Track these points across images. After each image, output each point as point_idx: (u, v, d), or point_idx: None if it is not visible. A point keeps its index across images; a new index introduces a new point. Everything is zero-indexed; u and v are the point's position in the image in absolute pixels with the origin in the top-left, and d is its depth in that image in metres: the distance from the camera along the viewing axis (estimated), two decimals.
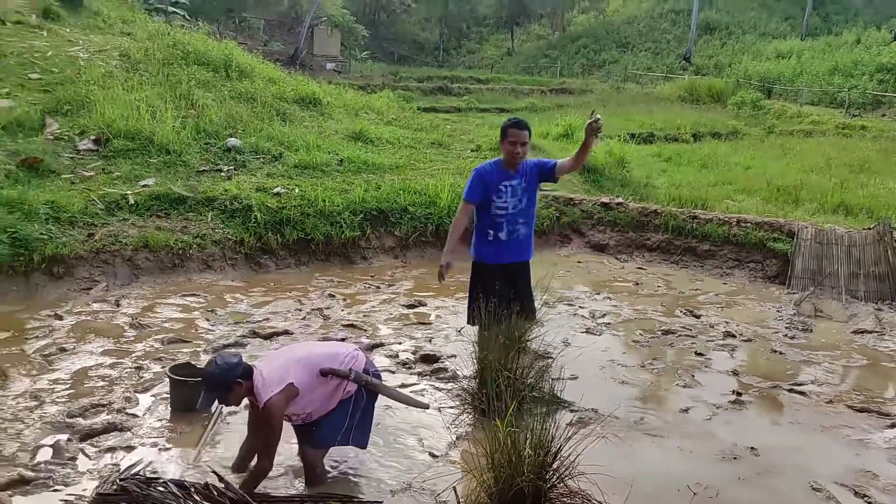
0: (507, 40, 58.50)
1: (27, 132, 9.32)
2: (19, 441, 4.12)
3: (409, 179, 9.65)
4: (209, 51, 13.88)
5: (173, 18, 25.06)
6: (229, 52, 14.34)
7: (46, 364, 5.19)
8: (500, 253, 4.91)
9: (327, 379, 3.67)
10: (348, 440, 3.83)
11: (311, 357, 3.72)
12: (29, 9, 15.64)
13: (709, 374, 5.70)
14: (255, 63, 14.88)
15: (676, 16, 51.29)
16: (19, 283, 6.56)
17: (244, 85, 12.90)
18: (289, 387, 3.50)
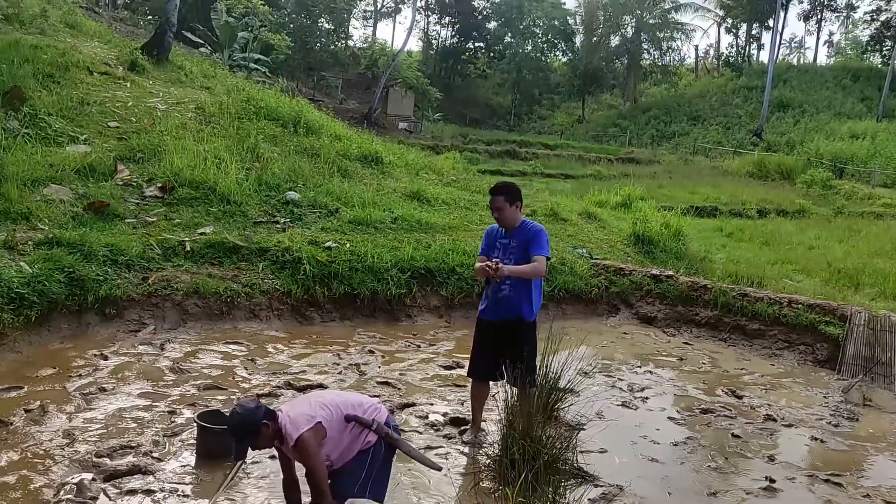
0: (578, 108, 59.11)
1: (98, 177, 9.80)
2: (47, 477, 4.21)
3: (459, 240, 9.69)
4: (280, 107, 14.43)
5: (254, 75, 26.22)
6: (300, 108, 14.87)
7: (85, 403, 5.32)
8: (490, 309, 5.15)
9: (350, 426, 3.68)
10: (365, 492, 3.77)
11: (336, 402, 3.75)
12: (117, 61, 16.63)
13: (743, 457, 5.44)
14: (323, 120, 15.37)
15: (749, 92, 51.07)
16: (71, 322, 6.80)
17: (310, 141, 13.31)
18: (318, 425, 3.53)
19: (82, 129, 11.84)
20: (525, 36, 56.58)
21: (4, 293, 6.08)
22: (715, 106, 51.07)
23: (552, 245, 10.32)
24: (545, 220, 12.31)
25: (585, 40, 58.03)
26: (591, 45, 56.83)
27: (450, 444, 5.14)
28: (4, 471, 4.21)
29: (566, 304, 9.42)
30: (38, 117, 11.67)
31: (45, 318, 6.54)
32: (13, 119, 11.43)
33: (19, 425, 4.80)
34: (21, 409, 5.04)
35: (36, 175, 9.32)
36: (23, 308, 6.22)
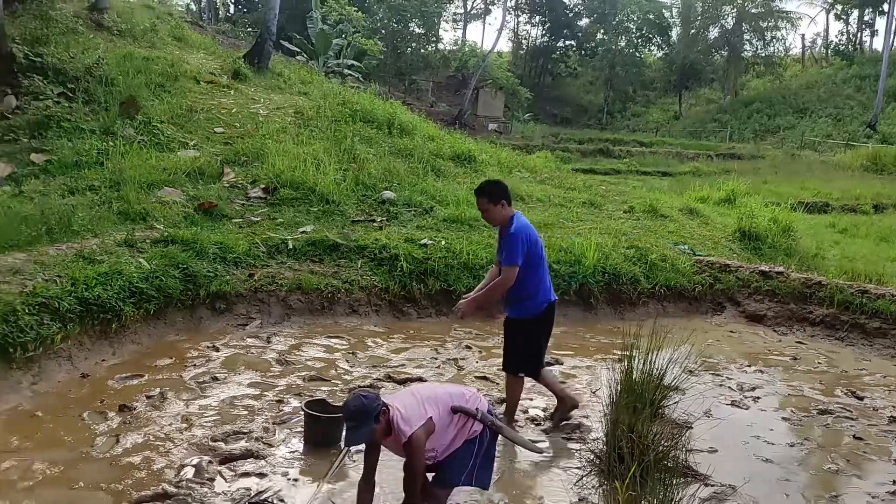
0: (674, 104, 57.48)
1: (206, 179, 10.30)
2: (167, 458, 4.46)
3: (555, 237, 9.62)
4: (375, 109, 14.74)
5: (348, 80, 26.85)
6: (394, 111, 15.15)
7: (200, 390, 5.61)
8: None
9: (456, 417, 3.75)
10: (471, 480, 3.86)
11: (441, 395, 3.82)
12: (221, 70, 17.40)
13: (867, 460, 5.15)
14: (417, 121, 15.60)
15: (861, 81, 48.27)
16: (185, 315, 7.17)
17: (404, 141, 13.53)
18: (429, 422, 3.61)
19: (191, 134, 12.46)
20: (618, 32, 55.52)
21: (126, 287, 6.46)
22: (823, 97, 48.55)
23: (652, 242, 10.17)
24: (644, 216, 12.07)
25: (682, 33, 56.39)
26: (689, 38, 55.16)
27: (550, 439, 5.12)
28: (130, 452, 4.49)
29: (668, 301, 9.20)
30: (151, 125, 12.36)
31: (162, 311, 6.92)
32: (129, 127, 12.14)
33: (142, 410, 5.11)
34: (143, 395, 5.37)
35: (151, 178, 9.87)
36: (142, 302, 6.60)
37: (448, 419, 3.73)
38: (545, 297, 5.15)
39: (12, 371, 5.24)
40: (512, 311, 5.18)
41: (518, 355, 5.19)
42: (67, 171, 10.33)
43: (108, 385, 5.58)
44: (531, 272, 5.00)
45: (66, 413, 5.00)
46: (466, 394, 3.92)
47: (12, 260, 6.22)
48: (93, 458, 4.40)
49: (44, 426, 4.78)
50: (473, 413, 3.77)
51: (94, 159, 10.62)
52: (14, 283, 5.76)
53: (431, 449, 3.71)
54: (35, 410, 4.99)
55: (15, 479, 4.06)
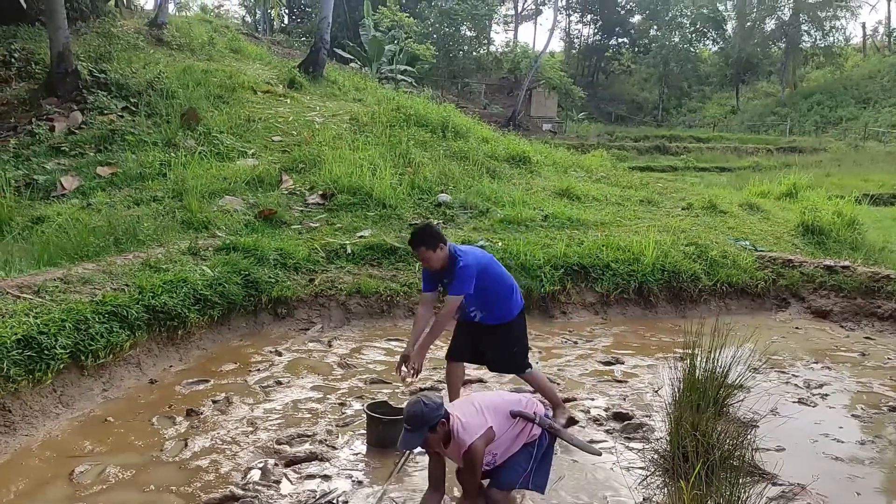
0: (731, 98, 56.17)
1: (265, 187, 10.49)
2: (234, 461, 4.52)
3: (612, 236, 9.48)
4: (429, 113, 14.80)
5: (401, 85, 27.04)
6: (447, 114, 15.18)
7: (264, 394, 5.69)
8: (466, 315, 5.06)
9: (515, 421, 3.77)
10: (528, 483, 3.85)
11: (499, 402, 3.85)
12: (277, 80, 17.72)
13: None
14: (470, 124, 15.60)
15: None
16: (248, 321, 7.30)
17: (458, 144, 13.54)
18: (489, 431, 3.62)
19: (250, 143, 12.72)
20: (671, 27, 54.50)
21: (191, 294, 6.62)
22: (887, 86, 46.75)
23: (712, 238, 9.93)
24: (703, 212, 11.80)
25: (738, 26, 54.99)
26: (745, 31, 53.76)
27: (613, 439, 5.02)
28: (198, 455, 4.58)
29: (730, 298, 8.97)
30: (211, 135, 12.67)
31: (226, 317, 7.07)
32: (190, 138, 12.47)
33: (208, 414, 5.21)
34: (209, 399, 5.47)
35: (212, 187, 10.11)
36: (206, 308, 6.75)
37: (507, 425, 3.74)
38: (520, 300, 5.09)
39: (84, 378, 5.41)
40: (496, 317, 4.97)
41: (523, 352, 5.10)
42: (132, 182, 10.67)
43: (176, 390, 5.71)
44: (498, 283, 4.90)
45: (135, 418, 5.13)
46: (523, 399, 3.94)
47: (82, 270, 6.41)
48: (162, 461, 4.50)
49: (115, 431, 4.92)
50: (532, 417, 3.79)
51: (157, 171, 10.94)
52: (84, 292, 5.94)
53: (491, 454, 3.71)
54: (106, 416, 5.14)
55: (89, 483, 4.18)
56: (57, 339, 5.09)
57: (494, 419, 3.68)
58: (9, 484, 4.13)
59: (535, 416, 3.79)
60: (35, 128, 12.79)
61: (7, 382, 4.68)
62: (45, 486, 4.14)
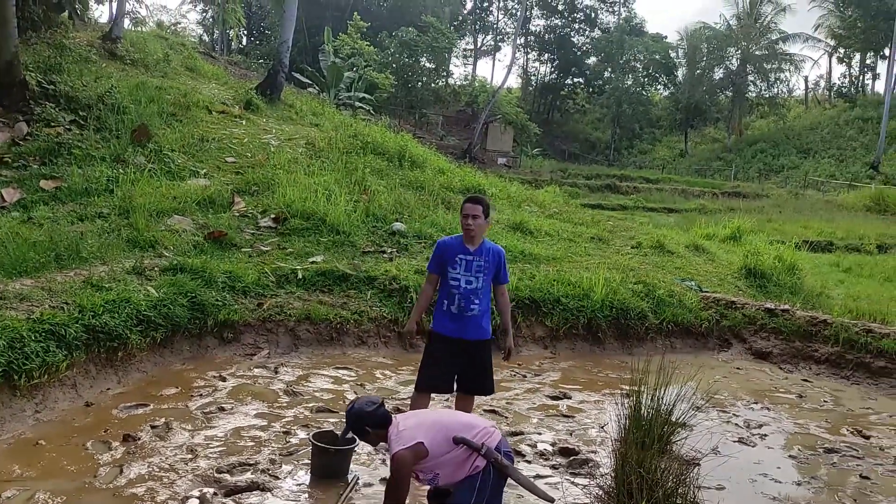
0: (680, 142, 57.90)
1: (217, 208, 10.31)
2: (171, 490, 4.37)
3: (564, 271, 9.57)
4: (386, 142, 14.82)
5: (359, 113, 27.08)
6: (404, 143, 15.23)
7: (206, 421, 5.53)
8: (453, 326, 4.92)
9: (459, 447, 3.66)
10: None
11: (446, 422, 3.79)
12: (233, 101, 17.56)
13: (874, 500, 5.05)
14: (427, 154, 15.67)
15: (864, 123, 48.76)
16: (193, 344, 7.11)
17: (415, 174, 13.57)
18: (418, 445, 3.59)
19: (202, 163, 12.52)
20: (625, 70, 56.07)
21: (133, 315, 6.42)
22: (827, 138, 48.93)
23: (660, 277, 10.11)
24: (651, 252, 12.03)
25: (688, 73, 56.94)
26: (694, 78, 55.70)
27: (560, 474, 5.02)
28: (133, 482, 4.41)
29: (675, 337, 9.11)
30: (162, 153, 12.43)
31: (169, 340, 6.87)
32: (140, 155, 12.21)
33: (146, 440, 5.03)
34: (147, 424, 5.29)
35: (161, 206, 9.89)
36: (149, 330, 6.55)
37: (447, 448, 3.65)
38: None
39: (16, 399, 5.18)
40: (485, 329, 5.03)
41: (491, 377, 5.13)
42: (77, 197, 10.36)
43: (113, 414, 5.51)
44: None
45: (69, 442, 4.93)
46: (477, 426, 3.80)
47: (20, 286, 6.19)
48: (96, 488, 4.31)
49: (47, 455, 4.71)
50: (476, 447, 3.66)
51: (104, 186, 10.66)
52: (21, 309, 5.72)
53: (431, 472, 3.68)
54: (38, 439, 4.92)
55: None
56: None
57: (430, 437, 3.62)
58: None
59: (482, 447, 3.66)
60: None
61: None
62: None
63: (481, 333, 4.97)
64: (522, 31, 56.89)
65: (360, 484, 4.62)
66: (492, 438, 3.75)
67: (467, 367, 4.95)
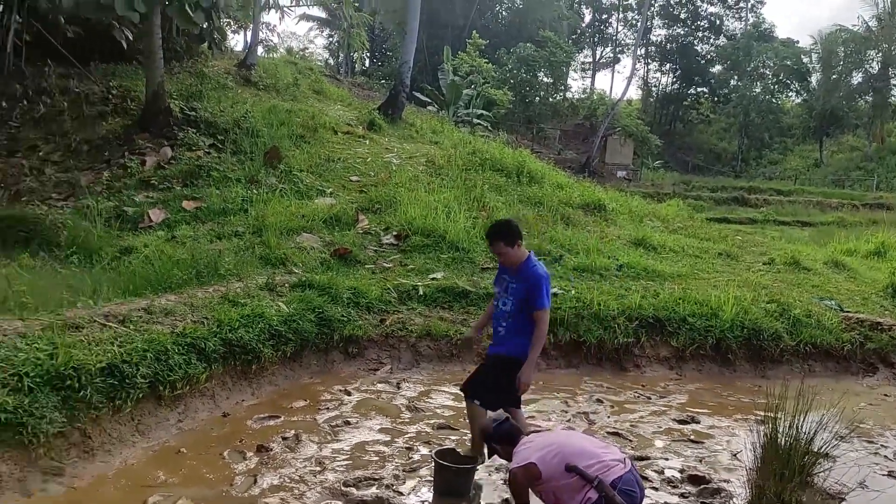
0: (814, 151, 54.54)
1: (342, 226, 10.67)
2: (301, 501, 4.53)
3: (690, 289, 9.22)
4: (504, 158, 14.88)
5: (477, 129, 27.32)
6: (523, 159, 15.23)
7: (332, 434, 5.70)
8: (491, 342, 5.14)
9: (572, 476, 3.60)
10: None
11: (566, 448, 3.73)
12: (357, 121, 18.16)
13: None
14: (545, 170, 15.61)
15: None
16: (320, 358, 7.36)
17: (533, 190, 13.54)
18: (529, 465, 3.67)
19: (328, 183, 13.01)
20: (753, 78, 53.58)
21: (266, 330, 6.73)
22: None
23: (795, 296, 9.55)
24: (785, 268, 11.40)
25: (822, 79, 53.64)
26: (830, 84, 52.37)
27: (689, 503, 4.81)
28: (266, 493, 4.60)
29: (813, 359, 8.55)
30: (292, 173, 13.02)
31: (298, 354, 7.14)
32: (272, 175, 12.84)
33: (278, 451, 5.24)
34: (279, 436, 5.51)
35: (290, 225, 10.34)
36: (280, 344, 6.84)
37: (560, 473, 3.61)
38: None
39: (161, 408, 5.53)
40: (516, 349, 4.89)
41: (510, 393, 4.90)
42: (215, 217, 11.02)
43: (247, 425, 5.78)
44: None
45: (208, 451, 5.21)
46: (599, 458, 3.68)
47: (165, 301, 6.62)
48: (232, 496, 4.54)
49: (188, 463, 4.99)
50: (589, 477, 3.57)
51: (239, 206, 11.28)
52: (166, 323, 6.11)
53: (551, 494, 3.67)
54: (180, 447, 5.23)
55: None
56: (138, 369, 5.24)
57: (545, 459, 3.63)
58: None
59: (595, 480, 3.55)
60: (127, 161, 13.41)
61: (89, 409, 4.83)
62: None
63: (504, 350, 4.96)
64: (643, 42, 55.70)
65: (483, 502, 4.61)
66: (609, 472, 3.61)
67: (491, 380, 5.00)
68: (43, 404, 4.52)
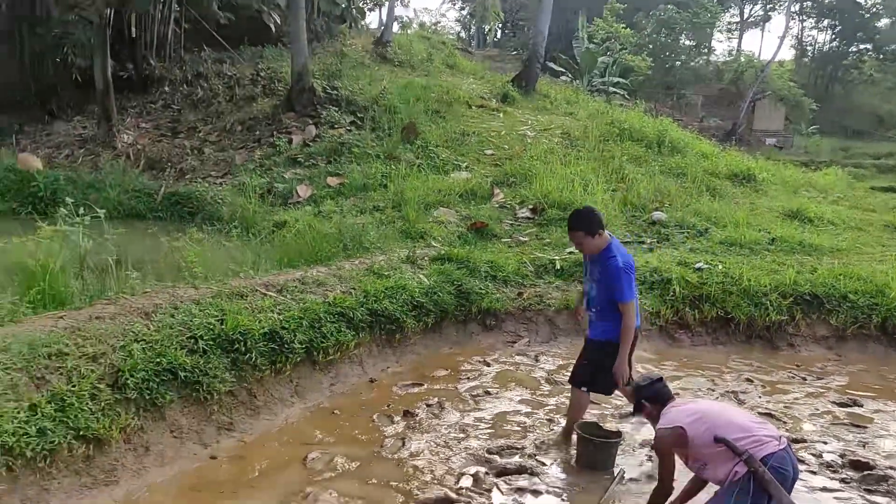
0: None
1: (477, 200, 10.78)
2: (447, 465, 4.69)
3: (851, 264, 8.60)
4: (644, 127, 14.43)
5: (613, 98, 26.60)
6: (664, 128, 14.71)
7: (474, 403, 5.83)
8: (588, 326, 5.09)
9: (720, 446, 3.49)
10: None
11: (717, 417, 3.63)
12: (490, 94, 18.17)
13: None
14: (688, 138, 15.00)
15: None
16: (459, 330, 7.52)
17: (675, 160, 13.06)
18: (677, 429, 3.61)
19: (463, 157, 13.15)
20: None
21: (408, 301, 6.94)
22: None
23: None
24: None
25: None
26: None
27: (851, 490, 4.55)
28: (414, 455, 4.80)
29: None
30: (428, 148, 13.27)
31: (438, 325, 7.33)
32: (409, 151, 13.12)
33: (423, 417, 5.43)
34: (423, 403, 5.71)
35: (428, 199, 10.57)
36: (422, 315, 7.04)
37: (709, 442, 3.52)
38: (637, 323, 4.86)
39: (315, 372, 5.87)
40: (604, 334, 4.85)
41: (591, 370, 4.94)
42: (356, 192, 11.45)
43: (393, 391, 6.02)
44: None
45: (358, 413, 5.48)
46: (752, 432, 3.52)
47: (316, 272, 6.97)
48: (383, 457, 4.76)
49: (341, 424, 5.29)
50: (737, 450, 3.43)
51: (378, 182, 11.65)
52: (318, 293, 6.45)
53: (699, 462, 3.61)
54: (333, 409, 5.55)
55: (320, 469, 4.54)
56: (295, 335, 5.59)
57: (693, 426, 3.56)
58: (253, 462, 4.61)
59: (744, 454, 3.41)
60: (276, 140, 14.16)
61: (254, 371, 5.21)
62: (283, 468, 4.56)
63: (594, 334, 4.96)
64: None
65: (626, 478, 4.58)
66: (761, 448, 3.45)
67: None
68: (215, 365, 4.94)
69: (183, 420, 4.72)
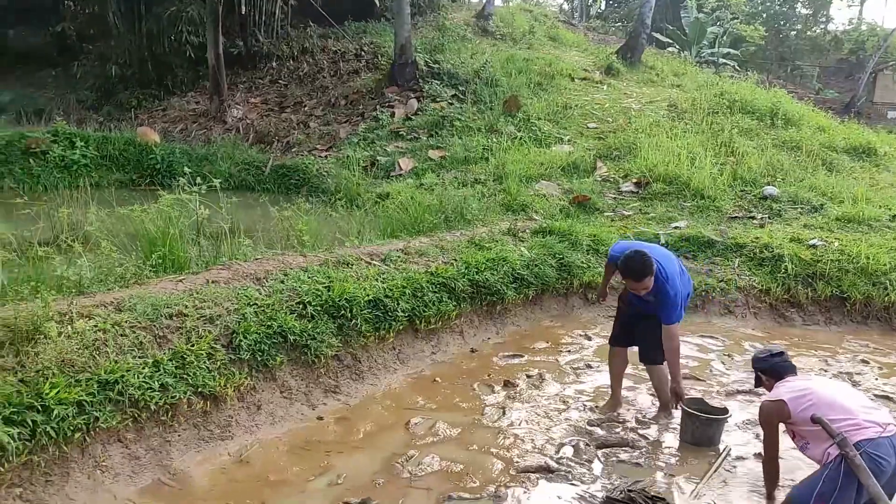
0: None
1: (580, 174, 10.65)
2: (547, 435, 4.72)
3: None
4: (755, 99, 13.82)
5: (723, 69, 25.53)
6: (777, 100, 14.05)
7: (574, 375, 5.84)
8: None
9: (817, 426, 3.42)
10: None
11: (821, 396, 3.53)
12: (594, 67, 17.81)
13: None
14: (803, 111, 14.27)
15: None
16: (559, 303, 7.51)
17: (789, 133, 12.47)
18: (779, 403, 3.61)
19: (565, 130, 12.99)
20: None
21: (509, 273, 6.97)
22: None
23: None
24: None
25: None
26: None
27: None
28: (514, 424, 4.86)
29: None
30: (530, 122, 13.17)
31: (539, 297, 7.34)
32: (510, 124, 13.08)
33: (523, 387, 5.48)
34: (523, 373, 5.75)
35: (529, 172, 10.52)
36: (522, 287, 7.06)
37: (806, 420, 3.47)
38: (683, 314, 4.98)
39: (417, 340, 6.02)
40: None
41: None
42: (458, 165, 11.52)
43: (493, 361, 6.09)
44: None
45: (459, 382, 5.58)
46: (852, 416, 3.37)
47: (419, 243, 7.10)
48: (483, 425, 4.84)
49: (442, 391, 5.40)
50: (831, 432, 3.33)
51: (480, 155, 11.68)
52: (420, 263, 6.57)
53: (803, 439, 3.57)
54: (435, 376, 5.66)
55: (422, 434, 4.67)
56: (398, 304, 5.73)
57: (795, 402, 3.53)
58: (358, 424, 4.78)
59: (838, 436, 3.28)
60: (379, 114, 14.40)
61: (359, 337, 5.39)
62: (386, 431, 4.72)
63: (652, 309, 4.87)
64: None
65: (732, 456, 4.49)
66: (858, 433, 3.30)
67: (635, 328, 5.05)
68: (322, 330, 5.13)
69: (292, 381, 4.94)
